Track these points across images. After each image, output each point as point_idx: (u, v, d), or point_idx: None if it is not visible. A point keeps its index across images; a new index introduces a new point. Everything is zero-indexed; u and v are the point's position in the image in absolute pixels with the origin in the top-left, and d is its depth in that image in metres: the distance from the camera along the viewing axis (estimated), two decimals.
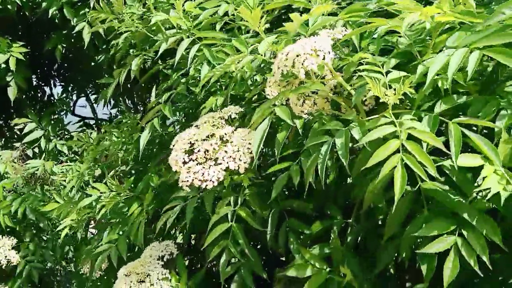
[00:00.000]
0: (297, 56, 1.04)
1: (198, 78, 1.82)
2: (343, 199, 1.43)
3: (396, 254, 1.22)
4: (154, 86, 2.21)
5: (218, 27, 1.84)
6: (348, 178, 1.38)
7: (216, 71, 1.38)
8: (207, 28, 1.86)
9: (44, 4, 3.07)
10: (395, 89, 0.98)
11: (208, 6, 1.90)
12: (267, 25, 1.34)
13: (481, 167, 0.94)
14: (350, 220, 1.36)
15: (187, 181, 1.30)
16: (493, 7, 1.20)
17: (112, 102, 3.67)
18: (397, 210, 1.05)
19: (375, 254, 1.29)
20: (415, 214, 1.13)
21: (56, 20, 3.15)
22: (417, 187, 1.05)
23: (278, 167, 1.27)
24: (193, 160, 1.32)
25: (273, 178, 1.47)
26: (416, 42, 1.15)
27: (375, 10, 1.16)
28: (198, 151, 1.33)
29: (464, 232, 0.99)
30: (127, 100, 3.53)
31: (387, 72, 1.06)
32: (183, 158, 1.33)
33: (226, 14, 1.82)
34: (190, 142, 1.36)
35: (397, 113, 1.04)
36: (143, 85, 3.23)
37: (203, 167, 1.30)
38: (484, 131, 1.09)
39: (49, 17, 3.04)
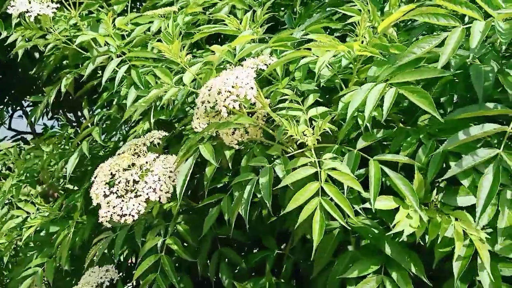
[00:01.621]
0: (219, 93, 0.99)
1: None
2: (279, 228, 1.40)
3: None
4: (86, 106, 2.11)
5: (150, 46, 1.77)
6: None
7: (140, 105, 1.31)
8: (139, 47, 1.78)
9: None
10: (313, 128, 0.96)
11: (142, 21, 1.84)
12: None
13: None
14: (286, 250, 1.34)
15: (106, 216, 1.21)
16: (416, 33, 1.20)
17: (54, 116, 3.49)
18: (322, 248, 1.04)
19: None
20: (347, 246, 1.13)
21: None
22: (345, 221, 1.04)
23: (210, 199, 1.23)
24: (114, 193, 1.24)
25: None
26: (341, 69, 1.13)
27: (301, 40, 1.13)
28: (119, 182, 1.25)
29: (389, 270, 1.00)
30: (67, 114, 3.37)
31: (309, 107, 1.04)
32: (104, 191, 1.24)
33: (159, 31, 1.75)
34: (111, 172, 1.28)
35: (321, 147, 1.02)
36: (85, 97, 3.09)
37: (123, 200, 1.22)
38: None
39: None
